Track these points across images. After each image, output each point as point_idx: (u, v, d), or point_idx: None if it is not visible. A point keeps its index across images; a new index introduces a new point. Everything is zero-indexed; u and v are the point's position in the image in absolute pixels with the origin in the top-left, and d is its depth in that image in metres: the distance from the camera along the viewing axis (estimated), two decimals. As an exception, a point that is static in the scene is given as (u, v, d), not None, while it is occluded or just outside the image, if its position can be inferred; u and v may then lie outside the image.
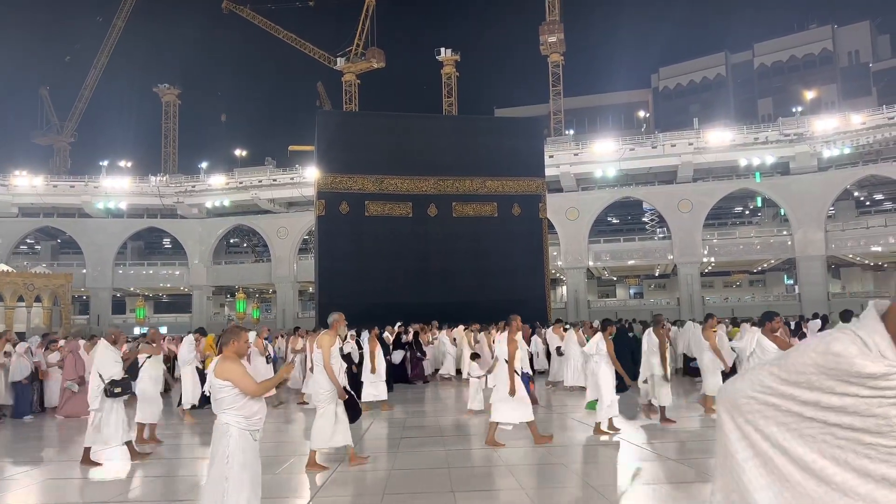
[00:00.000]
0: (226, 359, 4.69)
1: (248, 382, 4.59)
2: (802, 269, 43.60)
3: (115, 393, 7.96)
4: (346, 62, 66.73)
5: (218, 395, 4.59)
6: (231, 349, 4.78)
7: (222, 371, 4.58)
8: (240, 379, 4.57)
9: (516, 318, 8.90)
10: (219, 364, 4.66)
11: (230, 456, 4.45)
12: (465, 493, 6.33)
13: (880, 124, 41.51)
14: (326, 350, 7.54)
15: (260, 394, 4.65)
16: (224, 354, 4.77)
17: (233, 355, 4.75)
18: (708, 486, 6.41)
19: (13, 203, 51.37)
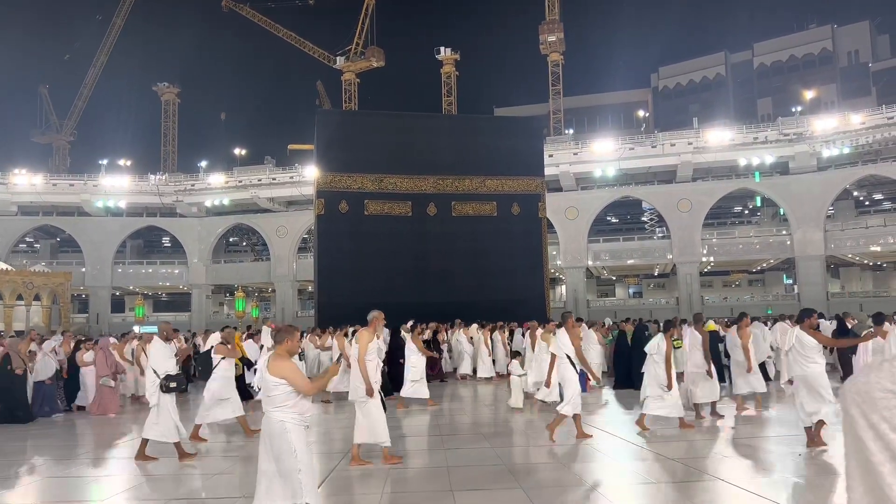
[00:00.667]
0: (279, 357, 4.82)
1: (303, 381, 4.78)
2: (801, 268, 43.63)
3: (170, 388, 8.01)
4: (345, 61, 66.69)
5: (272, 392, 4.74)
6: (284, 347, 4.93)
7: (277, 369, 4.72)
8: (295, 377, 4.74)
9: (571, 316, 9.28)
10: (272, 362, 4.78)
11: (296, 450, 4.67)
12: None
13: (880, 124, 41.54)
14: (363, 347, 7.69)
15: (313, 392, 4.85)
16: (277, 352, 4.90)
17: (285, 353, 4.90)
18: (700, 486, 6.43)
19: (12, 201, 51.36)
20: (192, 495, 6.83)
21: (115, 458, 9.00)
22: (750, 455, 8.08)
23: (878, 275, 51.91)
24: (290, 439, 4.68)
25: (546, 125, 55.67)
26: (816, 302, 39.85)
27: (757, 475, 6.95)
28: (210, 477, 7.57)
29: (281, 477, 4.69)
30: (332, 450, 8.84)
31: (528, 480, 6.76)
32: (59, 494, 6.96)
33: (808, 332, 7.91)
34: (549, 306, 27.43)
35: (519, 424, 10.62)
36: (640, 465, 7.54)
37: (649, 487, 6.55)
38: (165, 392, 8.00)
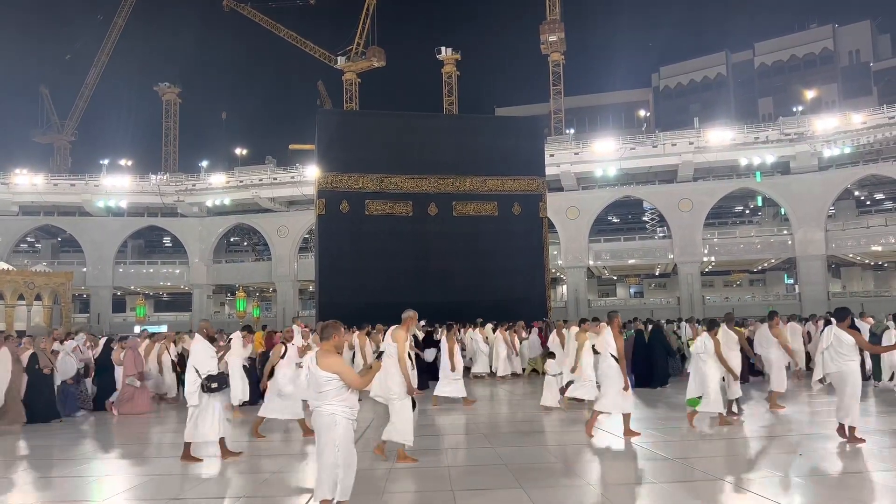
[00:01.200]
0: (328, 352, 4.99)
1: (354, 376, 4.97)
2: (803, 268, 43.61)
3: (211, 388, 7.94)
4: (346, 61, 66.73)
5: (324, 387, 4.89)
6: (331, 343, 5.07)
7: (329, 364, 4.90)
8: (346, 372, 4.94)
9: (617, 315, 9.52)
10: (323, 358, 4.94)
11: (339, 445, 4.84)
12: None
13: (881, 124, 41.51)
14: (401, 345, 7.83)
15: (361, 387, 5.05)
16: (325, 348, 5.04)
17: (333, 348, 5.06)
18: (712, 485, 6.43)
19: (14, 201, 51.42)
20: (195, 496, 6.83)
21: (135, 456, 8.97)
22: (751, 454, 8.09)
23: (880, 274, 51.88)
24: (338, 433, 4.87)
25: (547, 125, 55.68)
26: (818, 302, 39.88)
27: (758, 475, 6.95)
28: (206, 480, 7.58)
29: (321, 469, 4.88)
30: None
31: (527, 479, 6.77)
32: (69, 494, 6.97)
33: (847, 331, 8.14)
34: (549, 306, 27.44)
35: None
36: (642, 465, 7.54)
37: (651, 487, 6.55)
38: (207, 392, 7.92)
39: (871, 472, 6.87)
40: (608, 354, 9.10)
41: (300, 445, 9.16)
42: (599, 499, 6.14)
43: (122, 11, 70.13)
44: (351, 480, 4.97)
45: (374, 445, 7.97)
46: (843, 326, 8.18)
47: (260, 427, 9.64)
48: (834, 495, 6.03)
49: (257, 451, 8.80)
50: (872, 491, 6.19)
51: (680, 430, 9.46)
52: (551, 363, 12.13)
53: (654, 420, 10.69)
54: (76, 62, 74.73)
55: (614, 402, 8.91)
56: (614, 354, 9.04)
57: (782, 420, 10.31)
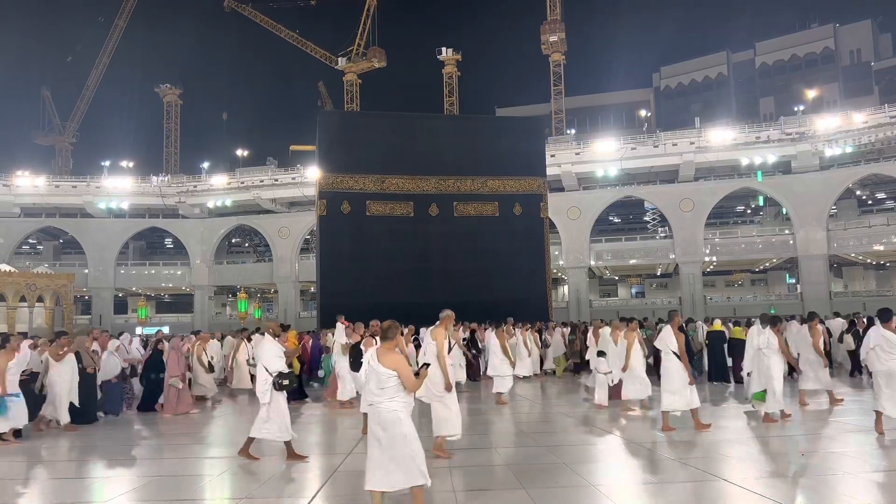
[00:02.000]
0: (389, 350, 5.25)
1: (410, 376, 5.20)
2: (804, 268, 43.56)
3: (283, 386, 8.02)
4: (347, 62, 66.74)
5: (386, 384, 5.16)
6: (393, 343, 5.35)
7: (391, 362, 5.17)
8: (405, 370, 5.18)
9: (677, 314, 9.84)
10: (385, 356, 5.21)
11: (408, 435, 5.12)
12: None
13: (882, 123, 41.45)
14: (441, 343, 8.21)
15: (416, 387, 5.29)
16: (386, 346, 5.29)
17: (394, 347, 5.33)
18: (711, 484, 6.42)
19: (15, 203, 51.48)
20: (195, 496, 6.84)
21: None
22: (754, 454, 8.07)
23: (881, 274, 51.82)
24: (405, 426, 5.14)
25: (548, 125, 55.69)
26: (820, 301, 39.83)
27: (760, 474, 6.94)
28: (211, 478, 7.58)
29: (395, 462, 5.08)
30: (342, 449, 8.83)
31: (532, 481, 6.76)
32: (77, 494, 6.98)
33: (891, 330, 8.55)
34: (551, 306, 27.45)
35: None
36: (645, 465, 7.53)
37: (653, 487, 6.54)
38: (278, 390, 8.00)
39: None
40: (670, 352, 9.40)
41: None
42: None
43: (123, 13, 70.21)
44: (424, 465, 5.21)
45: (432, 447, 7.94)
46: (890, 327, 8.56)
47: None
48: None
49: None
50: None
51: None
52: (602, 361, 12.38)
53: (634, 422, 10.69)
54: (77, 64, 74.83)
55: (683, 398, 9.24)
56: (675, 352, 9.34)
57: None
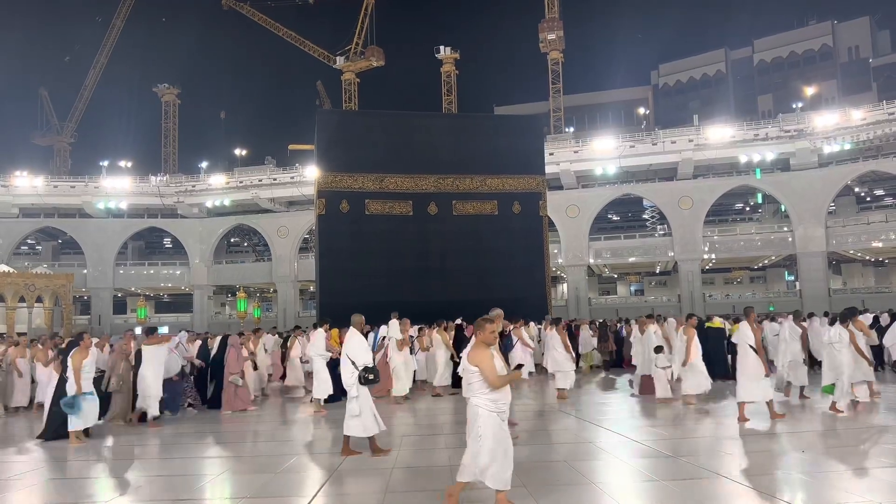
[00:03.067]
0: (478, 347, 5.24)
1: (491, 373, 5.11)
2: (803, 265, 43.60)
3: (369, 380, 8.03)
4: (345, 61, 66.68)
5: (470, 379, 5.19)
6: (481, 338, 5.28)
7: (475, 358, 5.17)
8: (485, 367, 5.14)
9: (753, 310, 10.45)
10: (472, 351, 5.24)
11: (482, 435, 5.10)
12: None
13: (880, 120, 41.47)
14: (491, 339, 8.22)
15: (498, 385, 5.18)
16: (476, 342, 5.29)
17: (482, 343, 5.26)
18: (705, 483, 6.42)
19: (14, 204, 51.44)
20: (195, 496, 6.84)
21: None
22: (754, 451, 8.08)
23: (880, 270, 51.86)
24: (479, 424, 5.14)
25: (546, 123, 55.67)
26: (818, 298, 39.88)
27: (759, 472, 6.95)
28: (213, 477, 7.58)
29: (467, 457, 5.21)
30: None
31: (529, 477, 6.76)
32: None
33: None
34: (550, 305, 27.42)
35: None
36: (644, 463, 7.54)
37: (653, 485, 6.54)
38: (364, 384, 8.03)
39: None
40: (747, 346, 9.75)
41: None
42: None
43: (121, 13, 70.13)
44: (498, 469, 5.14)
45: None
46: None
47: None
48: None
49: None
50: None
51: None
52: (661, 357, 12.52)
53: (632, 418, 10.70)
54: (75, 64, 74.89)
55: (760, 390, 9.63)
56: (752, 346, 9.70)
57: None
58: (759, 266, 53.66)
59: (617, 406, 12.51)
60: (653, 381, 12.58)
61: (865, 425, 9.33)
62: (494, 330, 5.38)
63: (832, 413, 10.04)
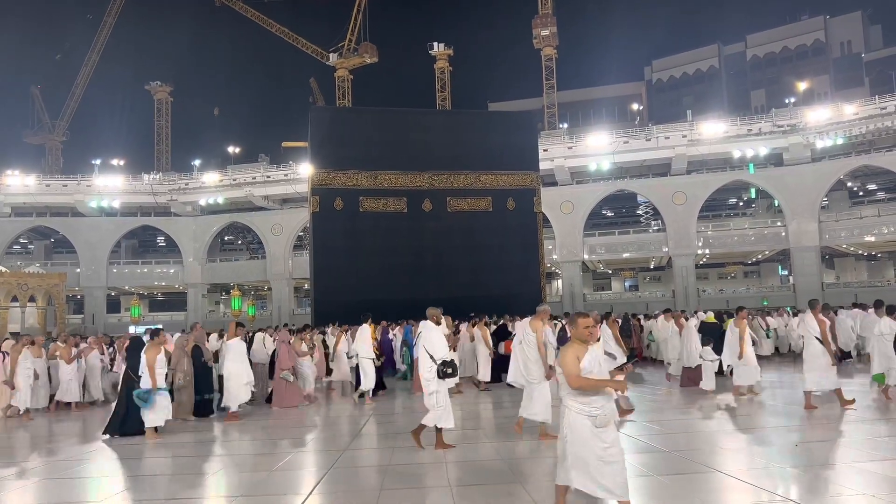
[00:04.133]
0: (569, 344, 5.00)
1: (571, 371, 4.82)
2: (797, 259, 43.74)
3: (446, 374, 8.08)
4: (338, 57, 66.46)
5: (560, 378, 4.97)
6: (573, 334, 5.05)
7: (561, 357, 4.97)
8: (566, 365, 4.86)
9: (818, 302, 10.81)
10: (563, 348, 5.02)
11: (565, 438, 4.87)
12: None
13: (873, 114, 41.59)
14: (540, 334, 8.77)
15: (576, 386, 4.83)
16: (572, 338, 5.05)
17: (575, 340, 5.01)
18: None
19: (5, 203, 51.14)
20: (193, 494, 6.81)
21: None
22: (748, 445, 8.10)
23: (873, 264, 52.10)
24: (564, 424, 4.92)
25: (540, 119, 55.64)
26: (812, 293, 39.94)
27: (754, 465, 6.96)
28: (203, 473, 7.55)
29: (559, 458, 4.99)
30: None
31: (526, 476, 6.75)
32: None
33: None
34: (545, 300, 27.41)
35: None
36: (639, 458, 7.54)
37: (647, 480, 6.55)
38: (441, 378, 8.07)
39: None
40: (812, 337, 10.18)
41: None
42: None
43: (113, 10, 69.67)
44: (586, 476, 4.77)
45: (515, 423, 8.97)
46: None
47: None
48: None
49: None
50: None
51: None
52: (707, 350, 12.79)
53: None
54: (67, 62, 74.28)
55: (827, 379, 10.05)
56: (818, 337, 10.15)
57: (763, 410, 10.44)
58: (752, 261, 53.82)
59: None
60: (695, 373, 13.02)
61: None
62: (588, 325, 5.01)
63: (887, 399, 10.59)
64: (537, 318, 9.01)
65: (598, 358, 4.96)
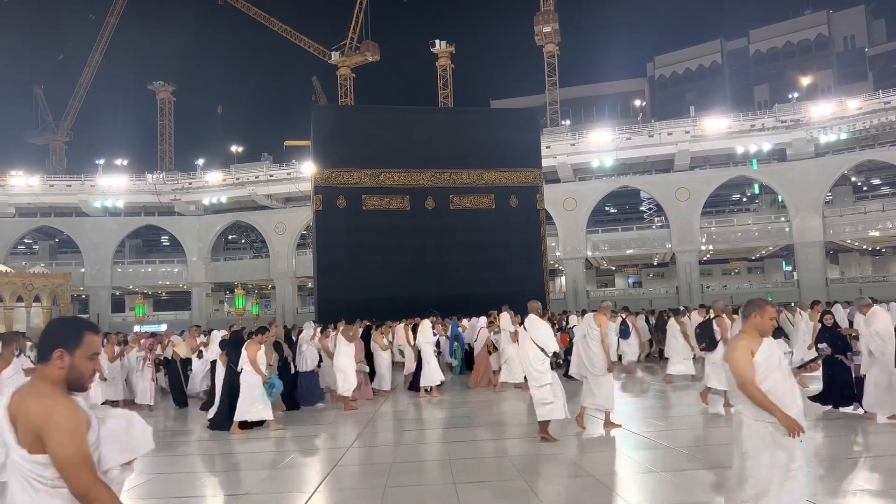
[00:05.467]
0: (739, 336, 4.15)
1: (744, 375, 3.91)
2: (801, 255, 43.64)
3: (556, 366, 8.38)
4: (340, 56, 66.43)
5: (730, 379, 4.09)
6: (751, 324, 4.08)
7: (728, 351, 4.15)
8: (738, 367, 3.94)
9: (868, 301, 10.34)
10: (731, 341, 4.24)
11: (746, 454, 3.93)
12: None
13: (876, 109, 41.45)
14: (604, 328, 9.11)
15: (748, 394, 3.91)
16: (744, 329, 4.15)
17: (752, 331, 4.06)
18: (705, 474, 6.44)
19: (10, 203, 51.31)
20: (196, 493, 6.84)
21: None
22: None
23: (877, 260, 51.95)
24: (742, 438, 3.96)
25: (543, 116, 55.52)
26: (816, 288, 39.93)
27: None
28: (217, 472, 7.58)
29: (736, 481, 4.01)
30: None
31: (530, 473, 6.77)
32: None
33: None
34: (548, 298, 27.46)
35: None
36: (642, 455, 7.56)
37: (652, 476, 6.56)
38: (553, 370, 8.41)
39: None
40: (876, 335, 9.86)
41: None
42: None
43: (115, 10, 69.73)
44: (779, 497, 3.82)
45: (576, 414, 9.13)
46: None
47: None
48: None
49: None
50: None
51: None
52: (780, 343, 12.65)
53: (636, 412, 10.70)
54: (70, 62, 74.39)
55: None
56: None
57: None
58: (756, 257, 53.70)
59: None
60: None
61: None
62: (774, 315, 4.14)
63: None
64: (600, 313, 9.38)
65: (777, 352, 4.08)
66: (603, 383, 8.94)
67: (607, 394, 8.93)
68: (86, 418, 2.41)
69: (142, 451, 2.65)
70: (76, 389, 2.49)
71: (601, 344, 8.97)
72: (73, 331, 2.52)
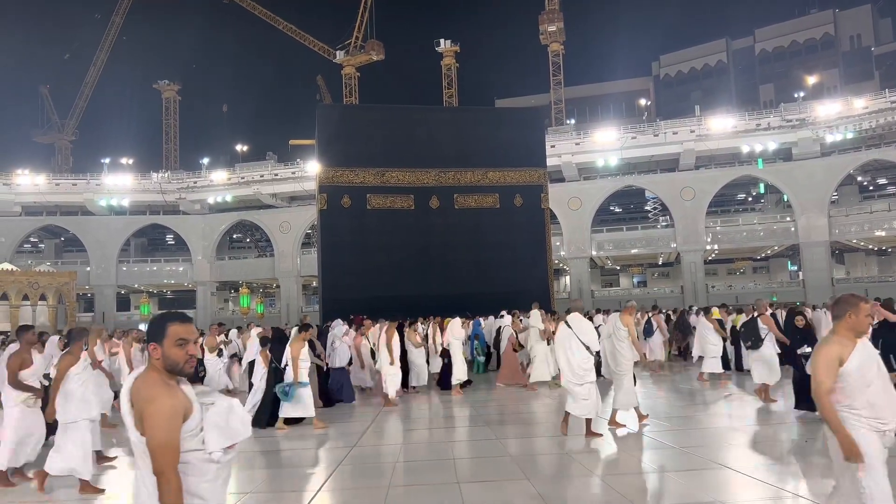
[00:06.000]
0: (830, 337, 3.78)
1: (821, 383, 3.60)
2: (806, 255, 43.50)
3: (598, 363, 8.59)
4: (345, 55, 66.50)
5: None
6: (845, 324, 3.70)
7: (815, 356, 3.79)
8: (818, 372, 3.63)
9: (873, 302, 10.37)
10: (820, 345, 3.82)
11: (847, 467, 3.53)
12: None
13: (883, 108, 41.28)
14: (632, 327, 9.21)
15: (818, 404, 3.64)
16: (835, 329, 3.77)
17: (847, 332, 3.69)
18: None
19: (16, 202, 51.51)
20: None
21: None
22: (756, 442, 8.08)
23: (883, 259, 51.74)
24: (831, 447, 3.61)
25: (547, 116, 55.58)
26: (822, 288, 39.81)
27: (761, 462, 6.95)
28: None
29: (843, 498, 3.58)
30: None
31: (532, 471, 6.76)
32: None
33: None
34: (553, 297, 27.43)
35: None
36: (644, 454, 7.55)
37: (653, 476, 6.55)
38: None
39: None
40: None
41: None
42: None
43: (121, 9, 69.98)
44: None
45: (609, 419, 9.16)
46: None
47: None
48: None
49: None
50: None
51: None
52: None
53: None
54: (75, 61, 74.80)
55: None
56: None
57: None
58: (761, 256, 53.56)
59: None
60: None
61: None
62: (870, 312, 3.74)
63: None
64: (626, 312, 9.40)
65: (876, 358, 3.68)
66: (624, 382, 9.04)
67: (629, 392, 9.01)
68: (184, 407, 2.63)
69: (240, 438, 2.81)
70: (178, 374, 2.73)
71: (629, 342, 9.04)
72: (159, 324, 2.77)
